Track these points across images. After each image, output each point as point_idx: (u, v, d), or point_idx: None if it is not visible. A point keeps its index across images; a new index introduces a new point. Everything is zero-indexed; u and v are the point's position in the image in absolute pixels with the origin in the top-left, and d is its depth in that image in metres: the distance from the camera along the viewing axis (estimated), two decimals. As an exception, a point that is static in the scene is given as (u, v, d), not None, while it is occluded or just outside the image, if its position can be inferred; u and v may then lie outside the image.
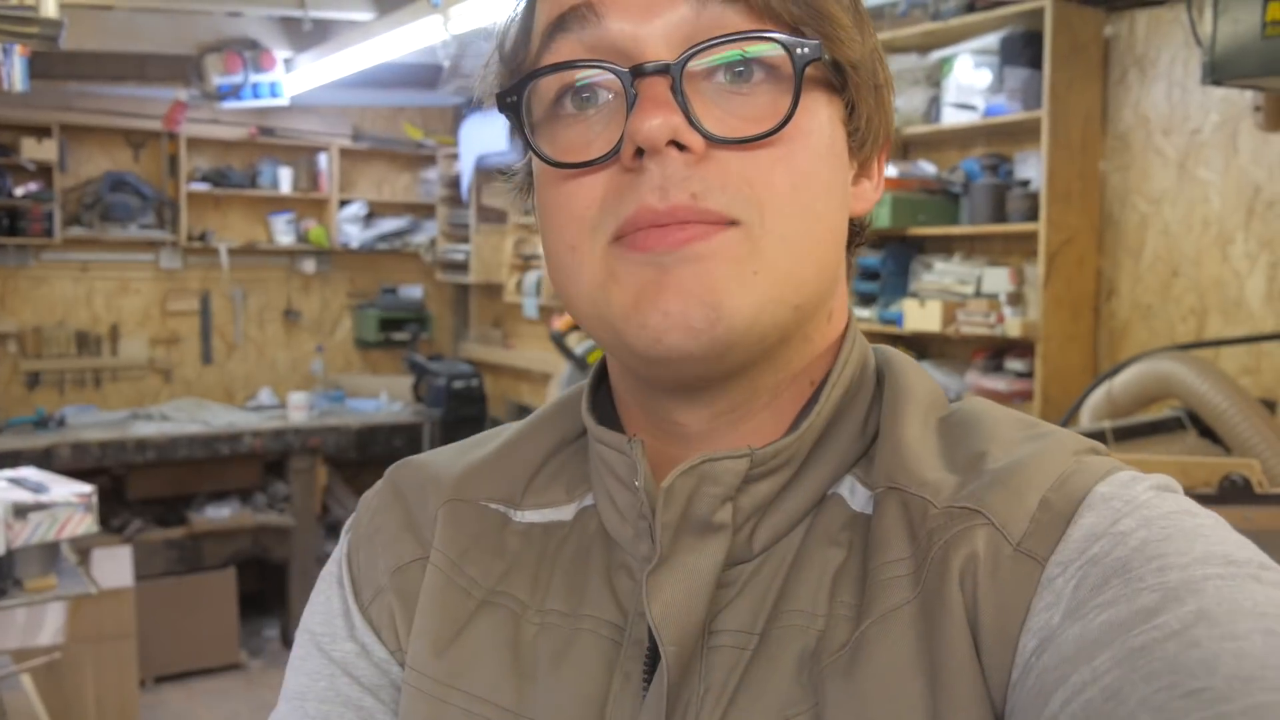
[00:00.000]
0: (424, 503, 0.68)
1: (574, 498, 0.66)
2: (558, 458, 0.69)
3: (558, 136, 0.58)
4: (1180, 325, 3.19)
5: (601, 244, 0.56)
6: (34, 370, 5.75)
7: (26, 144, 5.47)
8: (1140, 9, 3.23)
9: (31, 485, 2.71)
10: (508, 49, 0.62)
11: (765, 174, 0.54)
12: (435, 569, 0.65)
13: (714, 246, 0.53)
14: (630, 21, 0.55)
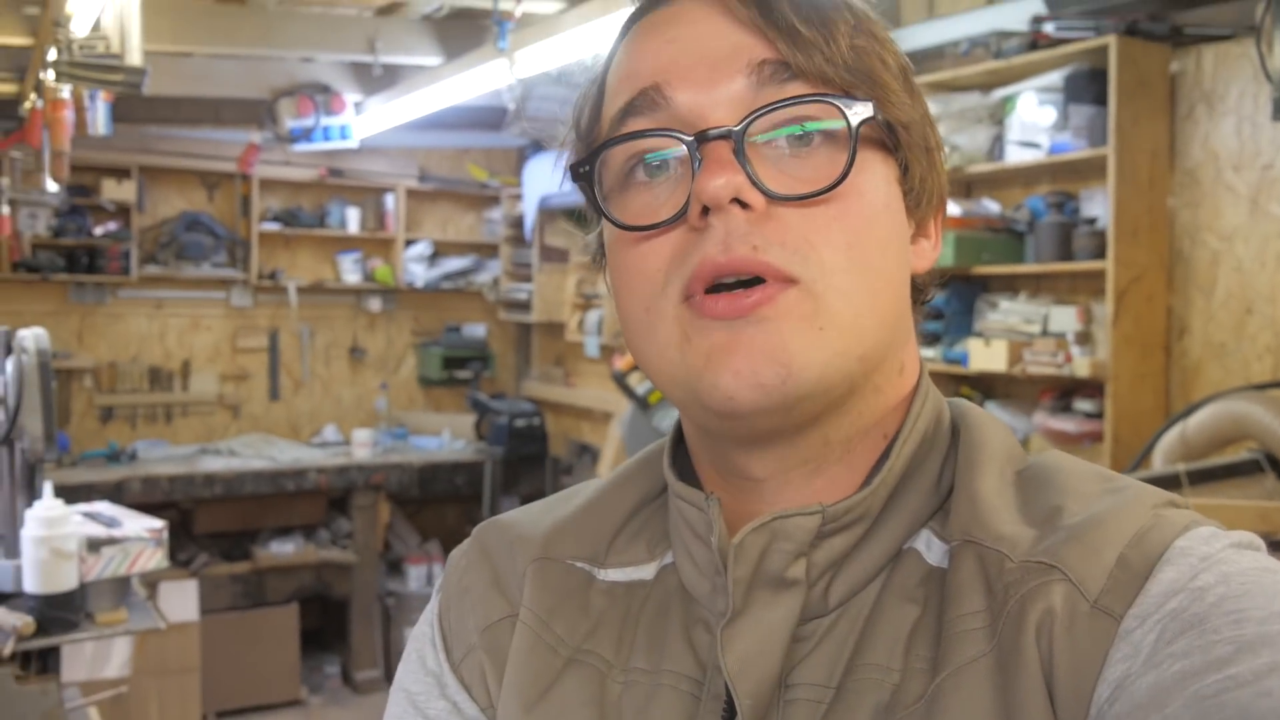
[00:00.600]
0: (512, 561, 0.70)
1: (655, 556, 0.68)
2: (640, 515, 0.70)
3: (629, 203, 0.61)
4: (1255, 364, 3.11)
5: (673, 303, 0.59)
6: (108, 405, 5.89)
7: (107, 185, 5.64)
8: (1207, 44, 3.19)
9: (105, 519, 2.76)
10: (583, 128, 0.66)
11: (823, 230, 0.57)
12: (524, 626, 0.67)
13: (779, 308, 0.56)
14: (695, 93, 0.59)
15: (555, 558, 0.69)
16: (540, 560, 0.69)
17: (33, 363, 2.52)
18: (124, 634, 2.64)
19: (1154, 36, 3.20)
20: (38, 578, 2.45)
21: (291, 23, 4.73)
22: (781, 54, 0.58)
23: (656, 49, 0.61)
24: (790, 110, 0.57)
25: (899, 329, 0.62)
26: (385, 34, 4.77)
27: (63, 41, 3.16)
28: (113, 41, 3.17)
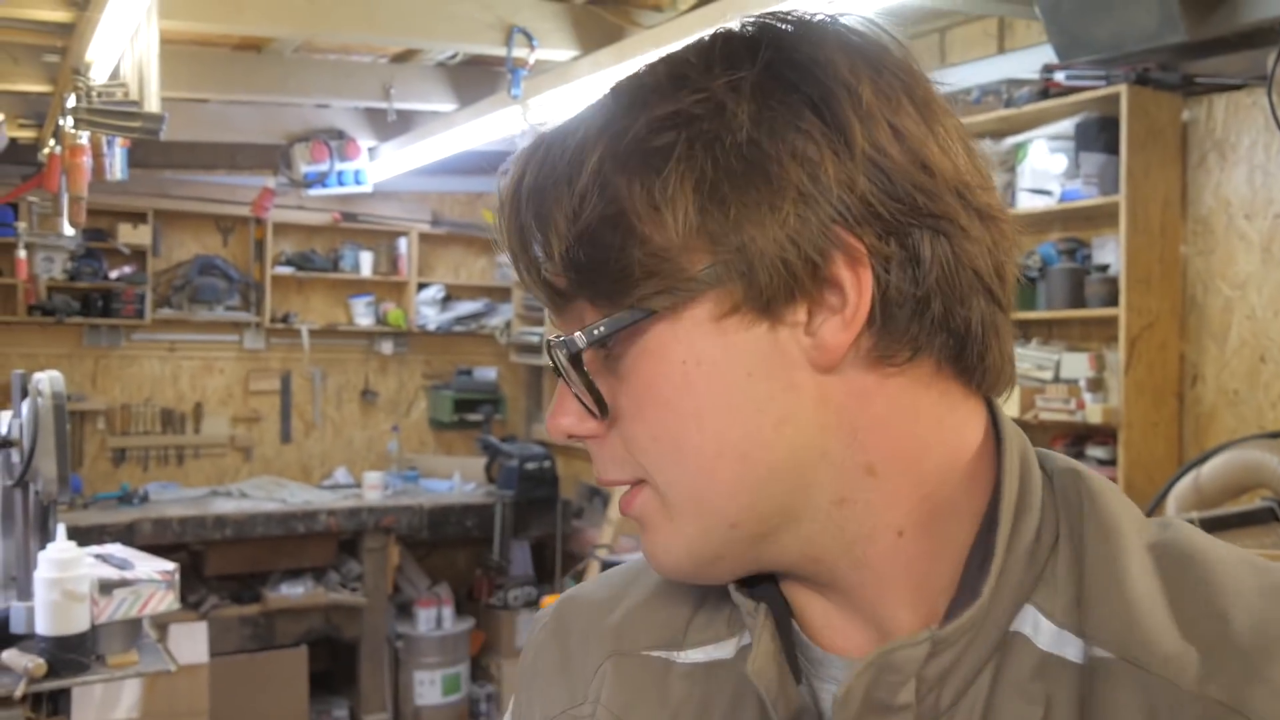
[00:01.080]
0: (585, 649, 0.70)
1: (735, 632, 0.65)
2: (715, 589, 0.66)
3: None
4: (1270, 412, 3.10)
5: None
6: (120, 447, 5.90)
7: (123, 229, 5.69)
8: (1218, 93, 3.21)
9: (117, 562, 2.76)
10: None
11: (630, 442, 0.58)
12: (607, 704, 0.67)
13: (641, 509, 0.60)
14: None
15: (630, 651, 0.67)
16: (615, 656, 0.68)
17: (48, 405, 2.53)
18: (134, 676, 2.64)
19: (1165, 85, 3.22)
20: (49, 619, 2.44)
21: (307, 70, 4.79)
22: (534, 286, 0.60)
23: None
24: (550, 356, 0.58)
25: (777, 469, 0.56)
26: (400, 80, 4.82)
27: (82, 88, 3.21)
28: (131, 88, 3.21)
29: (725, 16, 3.00)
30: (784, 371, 0.55)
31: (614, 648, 0.68)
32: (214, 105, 5.28)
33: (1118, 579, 0.55)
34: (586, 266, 0.56)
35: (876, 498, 0.57)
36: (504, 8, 3.71)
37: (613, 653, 0.68)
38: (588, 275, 0.56)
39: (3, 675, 2.41)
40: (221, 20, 3.52)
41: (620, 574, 0.74)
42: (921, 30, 4.21)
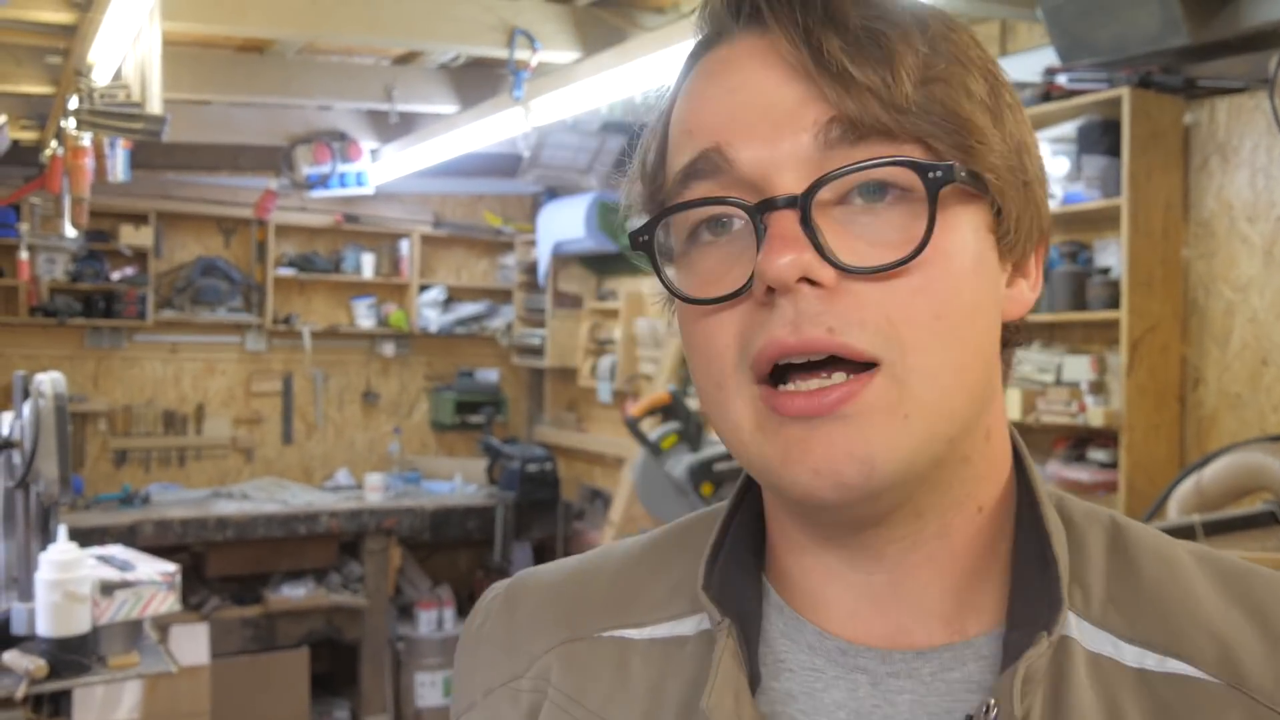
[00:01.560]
0: (533, 629, 0.69)
1: (699, 608, 0.62)
2: (680, 567, 0.66)
3: (695, 267, 0.57)
4: (1272, 415, 3.10)
5: (747, 384, 0.54)
6: (122, 448, 5.90)
7: (125, 230, 5.70)
8: (1220, 96, 3.21)
9: (118, 563, 2.76)
10: (648, 176, 0.61)
11: (905, 306, 0.52)
12: (553, 706, 0.65)
13: (861, 405, 0.52)
14: (758, 150, 0.54)
15: (584, 635, 0.66)
16: (568, 642, 0.67)
17: (49, 407, 2.54)
18: (135, 677, 2.64)
19: (1167, 88, 3.22)
20: (51, 621, 2.45)
21: (309, 71, 4.79)
22: (846, 111, 0.52)
23: (717, 100, 0.56)
24: (860, 175, 0.52)
25: (987, 394, 0.57)
26: (402, 82, 4.83)
27: (84, 90, 3.21)
28: (133, 90, 3.22)
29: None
30: (996, 309, 0.58)
31: (568, 634, 0.67)
32: (216, 107, 5.29)
33: (1194, 599, 0.56)
34: (929, 109, 0.53)
35: (983, 466, 0.58)
36: (506, 10, 3.71)
37: (566, 639, 0.67)
38: (928, 117, 0.52)
39: (4, 676, 2.42)
40: (224, 22, 3.53)
41: (578, 560, 0.73)
42: (923, 33, 4.21)
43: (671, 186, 0.58)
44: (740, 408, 0.55)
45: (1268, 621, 0.54)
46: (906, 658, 0.57)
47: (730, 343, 0.54)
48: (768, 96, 0.54)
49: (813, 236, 0.51)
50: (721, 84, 0.56)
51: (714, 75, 0.57)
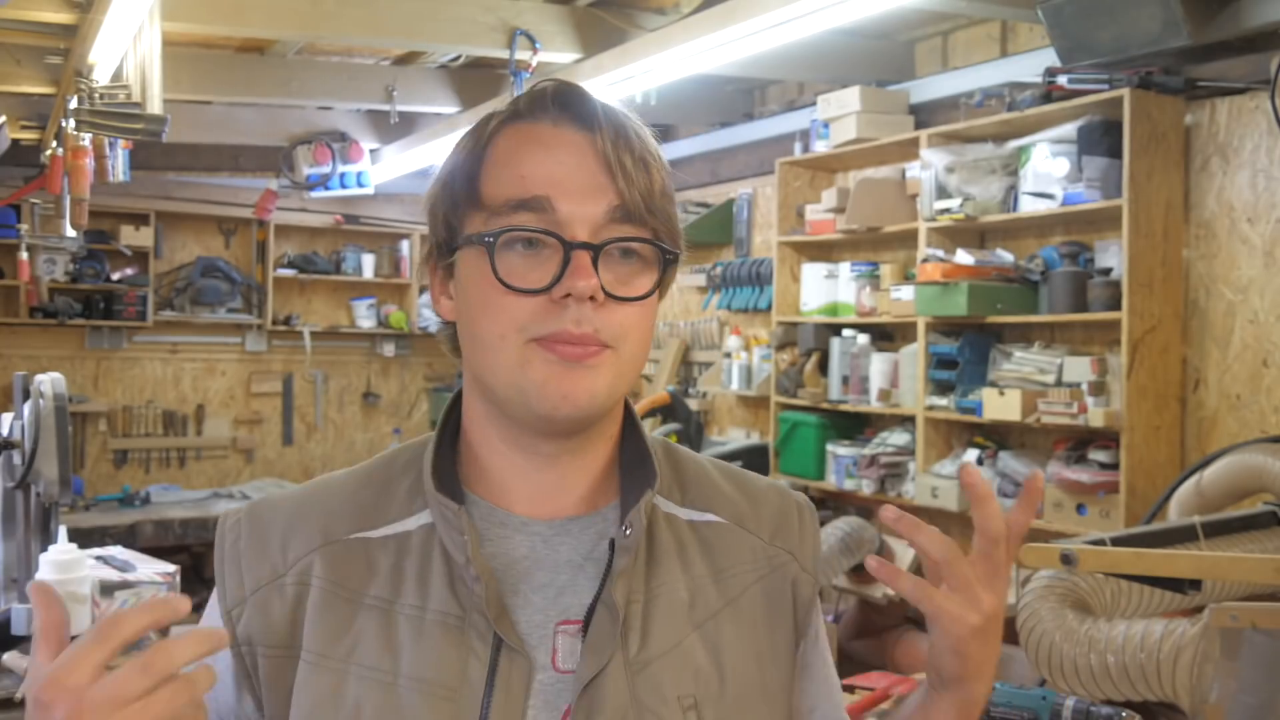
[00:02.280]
0: (288, 539, 0.93)
1: (412, 511, 0.94)
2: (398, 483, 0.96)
3: (510, 265, 0.87)
4: (1272, 416, 3.10)
5: (522, 341, 0.87)
6: (122, 448, 5.90)
7: (125, 231, 5.70)
8: (1221, 97, 3.21)
9: (118, 564, 2.76)
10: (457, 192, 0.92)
11: (631, 321, 0.89)
12: (318, 589, 0.90)
13: (599, 362, 0.87)
14: (572, 207, 0.87)
15: (336, 539, 0.92)
16: (324, 546, 0.92)
17: (49, 407, 2.53)
18: (134, 680, 2.63)
19: (1168, 89, 3.22)
20: (50, 623, 2.44)
21: (310, 72, 4.79)
22: (626, 202, 0.87)
23: (546, 164, 0.88)
24: (631, 244, 0.88)
25: None
26: (402, 83, 4.83)
27: (84, 90, 3.21)
28: (134, 90, 3.21)
29: (726, 19, 3.00)
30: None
31: (322, 540, 0.92)
32: (216, 107, 5.29)
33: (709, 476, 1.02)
34: (663, 213, 0.90)
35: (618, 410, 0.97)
36: (507, 10, 3.71)
37: (322, 544, 0.92)
38: (662, 219, 0.90)
39: (4, 677, 2.41)
40: (224, 22, 3.53)
41: (306, 488, 1.00)
42: (924, 34, 4.21)
43: (497, 207, 0.88)
44: (513, 352, 0.87)
45: (749, 493, 1.02)
46: (564, 523, 0.93)
47: (523, 315, 0.87)
48: (585, 174, 0.88)
49: (598, 273, 0.86)
50: (554, 153, 0.89)
51: (546, 144, 0.89)
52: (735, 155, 5.24)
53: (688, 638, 0.91)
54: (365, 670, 0.87)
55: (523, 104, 0.93)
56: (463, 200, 0.91)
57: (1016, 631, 2.25)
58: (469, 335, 0.92)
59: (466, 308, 0.92)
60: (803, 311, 4.47)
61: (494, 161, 0.90)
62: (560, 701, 0.86)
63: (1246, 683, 1.68)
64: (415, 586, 0.89)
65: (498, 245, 0.87)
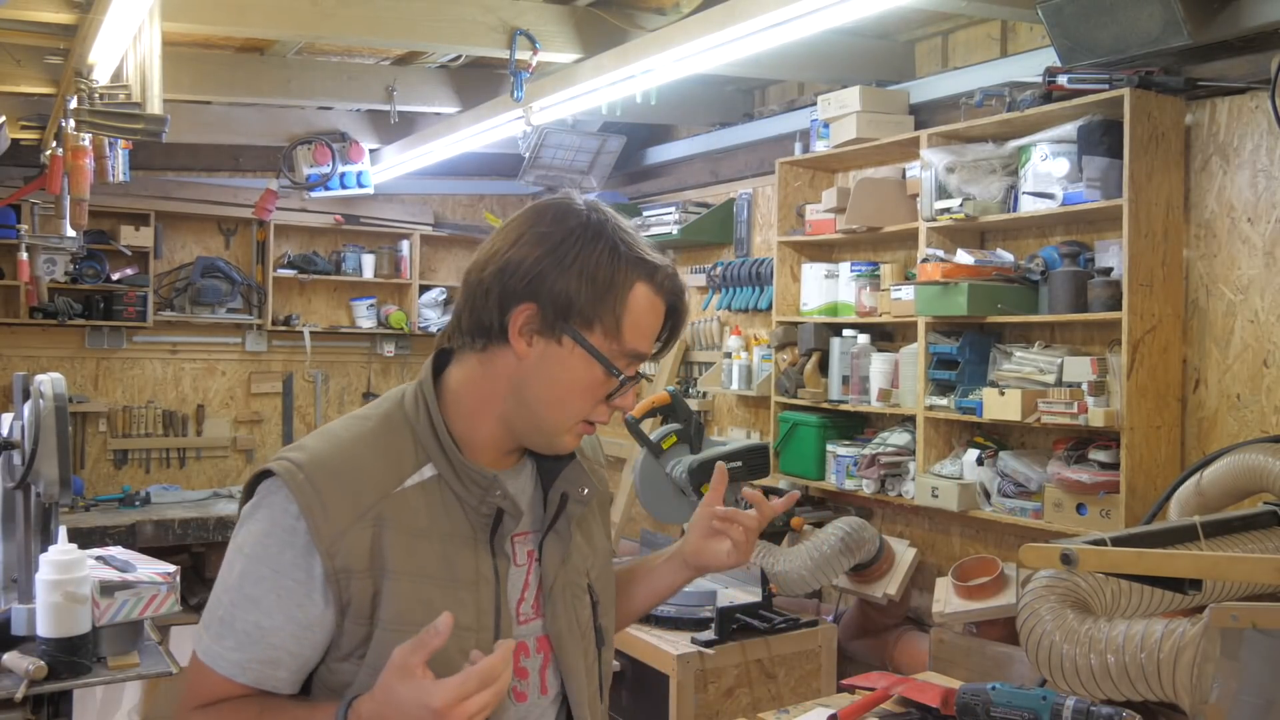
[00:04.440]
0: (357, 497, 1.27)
1: (419, 465, 1.33)
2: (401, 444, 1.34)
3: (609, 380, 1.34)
4: (1273, 416, 3.10)
5: (576, 419, 1.35)
6: (122, 449, 5.90)
7: (125, 231, 5.69)
8: (1221, 97, 3.21)
9: (118, 564, 2.76)
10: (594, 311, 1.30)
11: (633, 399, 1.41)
12: (387, 528, 1.28)
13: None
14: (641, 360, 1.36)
15: (387, 493, 1.29)
16: (381, 500, 1.28)
17: (49, 408, 2.53)
18: (135, 679, 2.63)
19: (1168, 89, 3.22)
20: (51, 621, 2.44)
21: (310, 72, 4.79)
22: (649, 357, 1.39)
23: (654, 328, 1.36)
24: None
25: None
26: (402, 83, 4.83)
27: (84, 90, 3.21)
28: (134, 90, 3.21)
29: (726, 19, 3.00)
30: None
31: (375, 498, 1.28)
32: (216, 107, 5.29)
33: None
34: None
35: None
36: (507, 10, 3.71)
37: (376, 500, 1.28)
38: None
39: (4, 677, 2.41)
40: (224, 22, 3.52)
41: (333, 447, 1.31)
42: (925, 34, 4.21)
43: (625, 349, 1.32)
44: (567, 423, 1.35)
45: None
46: (508, 472, 1.39)
47: (585, 409, 1.35)
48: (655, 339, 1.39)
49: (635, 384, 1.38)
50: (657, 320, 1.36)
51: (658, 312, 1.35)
52: (735, 155, 5.24)
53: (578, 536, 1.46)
54: (428, 577, 1.29)
55: (659, 278, 1.33)
56: (610, 320, 1.29)
57: (1017, 631, 2.24)
58: (534, 389, 1.32)
59: (550, 373, 1.31)
60: (803, 311, 4.47)
61: (633, 311, 1.31)
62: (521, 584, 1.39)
63: (1247, 683, 1.68)
64: (443, 518, 1.32)
65: (614, 367, 1.32)
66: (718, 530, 1.54)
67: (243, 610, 1.26)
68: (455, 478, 1.31)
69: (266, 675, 1.25)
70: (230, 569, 1.31)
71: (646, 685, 3.46)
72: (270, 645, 1.24)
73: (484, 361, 1.33)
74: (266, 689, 1.26)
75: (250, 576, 1.27)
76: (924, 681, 2.59)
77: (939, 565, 4.01)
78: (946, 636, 3.51)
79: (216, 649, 1.26)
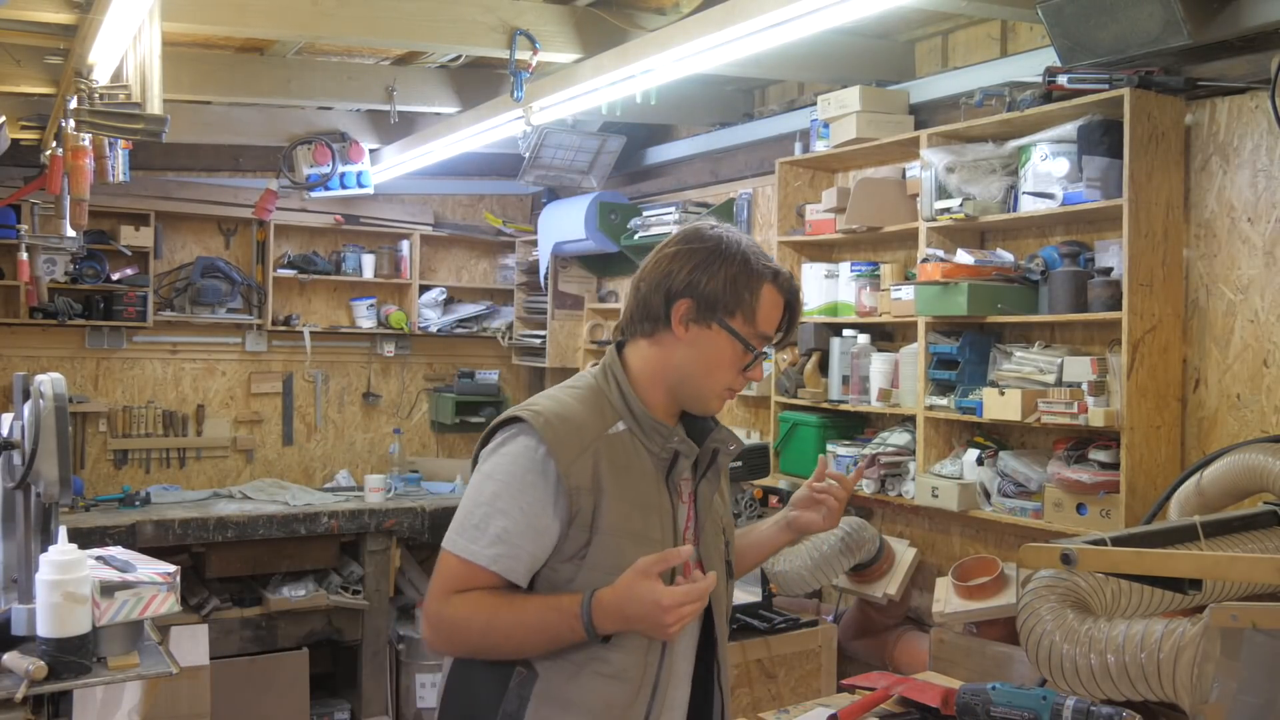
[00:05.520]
0: (581, 436, 1.73)
1: (614, 421, 1.78)
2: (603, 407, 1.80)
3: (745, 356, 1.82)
4: (1273, 416, 3.10)
5: (721, 388, 1.83)
6: (122, 449, 5.90)
7: (125, 231, 5.69)
8: (1221, 97, 3.21)
9: (118, 564, 2.76)
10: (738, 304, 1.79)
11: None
12: (604, 458, 1.73)
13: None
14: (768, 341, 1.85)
15: (600, 435, 1.74)
16: (597, 439, 1.74)
17: (49, 407, 2.53)
18: (135, 679, 2.63)
19: (1168, 89, 3.22)
20: (51, 621, 2.44)
21: (309, 72, 4.79)
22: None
23: (778, 319, 1.84)
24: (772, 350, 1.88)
25: None
26: (402, 83, 4.83)
27: (84, 90, 3.21)
28: (134, 90, 3.21)
29: (726, 19, 3.00)
30: None
31: (594, 435, 1.74)
32: (216, 107, 5.28)
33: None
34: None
35: None
36: (507, 10, 3.71)
37: (594, 438, 1.74)
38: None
39: (4, 678, 2.41)
40: (224, 22, 3.52)
41: (560, 406, 1.77)
42: (924, 33, 4.21)
43: (760, 332, 1.81)
44: (716, 391, 1.83)
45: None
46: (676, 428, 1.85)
47: (729, 380, 1.83)
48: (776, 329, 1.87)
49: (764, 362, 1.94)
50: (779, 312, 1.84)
51: (779, 307, 1.83)
52: (735, 155, 5.24)
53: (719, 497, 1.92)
54: (630, 500, 1.74)
55: (780, 280, 1.82)
56: (744, 307, 1.78)
57: (1017, 631, 2.24)
58: (694, 365, 1.80)
59: (704, 356, 1.79)
60: (803, 311, 4.46)
61: (764, 304, 1.79)
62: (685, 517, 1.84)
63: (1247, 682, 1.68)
64: (636, 462, 1.76)
65: (748, 347, 1.80)
66: (816, 500, 2.00)
67: (495, 519, 1.69)
68: (641, 431, 1.77)
69: (509, 567, 1.69)
70: (480, 491, 1.74)
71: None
72: (514, 545, 1.69)
73: (653, 344, 1.81)
74: (507, 578, 1.69)
75: (502, 495, 1.70)
76: (924, 681, 2.59)
77: (939, 565, 4.01)
78: (946, 636, 3.51)
79: (473, 547, 1.70)
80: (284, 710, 5.15)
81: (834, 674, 3.66)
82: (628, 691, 1.74)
